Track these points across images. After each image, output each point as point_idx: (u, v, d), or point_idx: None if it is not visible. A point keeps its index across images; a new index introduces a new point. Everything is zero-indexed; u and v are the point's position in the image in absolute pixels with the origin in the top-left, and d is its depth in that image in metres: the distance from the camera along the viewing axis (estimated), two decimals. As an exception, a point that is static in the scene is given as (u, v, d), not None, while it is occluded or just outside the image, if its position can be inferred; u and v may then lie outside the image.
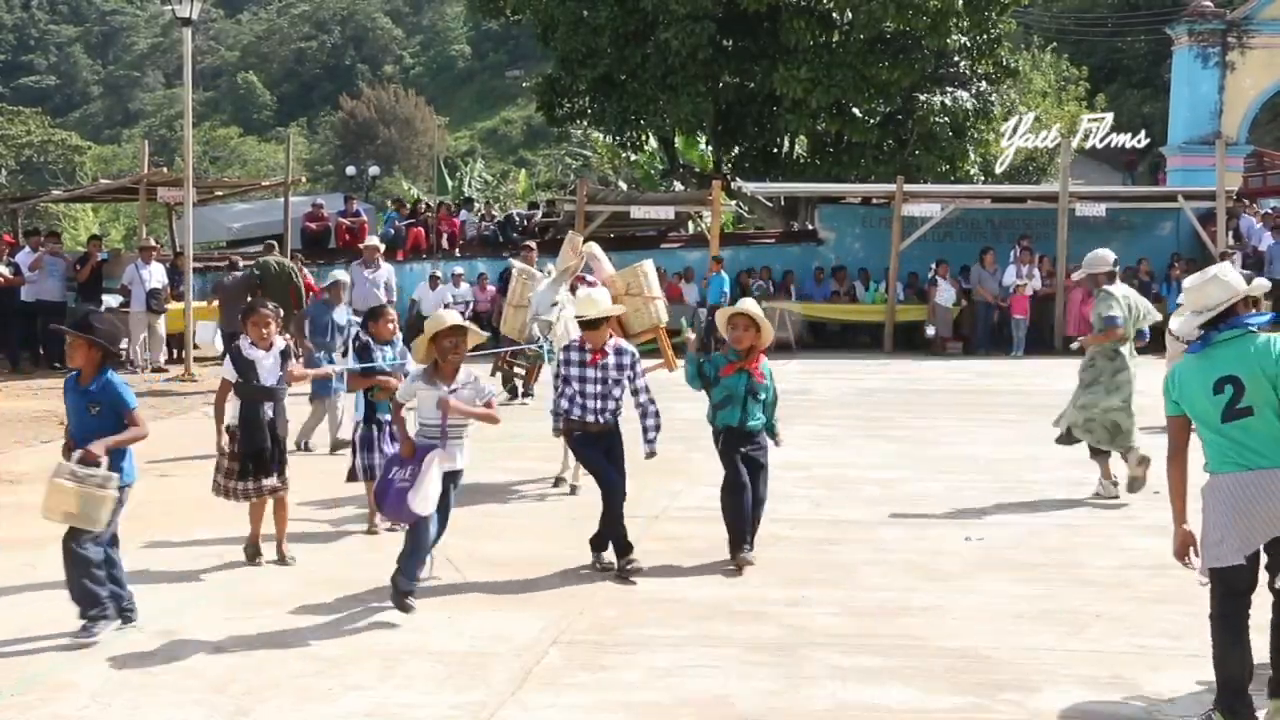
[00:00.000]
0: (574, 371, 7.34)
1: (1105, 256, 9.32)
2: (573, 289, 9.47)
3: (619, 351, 7.44)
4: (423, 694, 5.24)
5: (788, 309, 22.17)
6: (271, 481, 7.24)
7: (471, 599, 6.62)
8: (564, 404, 7.38)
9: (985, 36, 27.47)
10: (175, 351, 19.09)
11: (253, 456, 7.15)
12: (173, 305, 18.86)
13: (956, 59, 27.61)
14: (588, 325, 7.44)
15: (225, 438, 7.20)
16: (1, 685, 5.33)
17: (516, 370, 13.75)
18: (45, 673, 5.46)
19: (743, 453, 7.37)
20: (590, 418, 7.30)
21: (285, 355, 7.38)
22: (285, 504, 7.43)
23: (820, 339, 23.02)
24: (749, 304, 7.48)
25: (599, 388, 7.33)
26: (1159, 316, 9.69)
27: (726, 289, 20.55)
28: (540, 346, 9.48)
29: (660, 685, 5.34)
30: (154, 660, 5.63)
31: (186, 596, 6.62)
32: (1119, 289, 9.22)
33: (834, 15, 26.43)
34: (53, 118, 77.06)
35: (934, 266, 21.99)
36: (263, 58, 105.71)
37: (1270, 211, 23.57)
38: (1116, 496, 9.18)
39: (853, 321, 23.29)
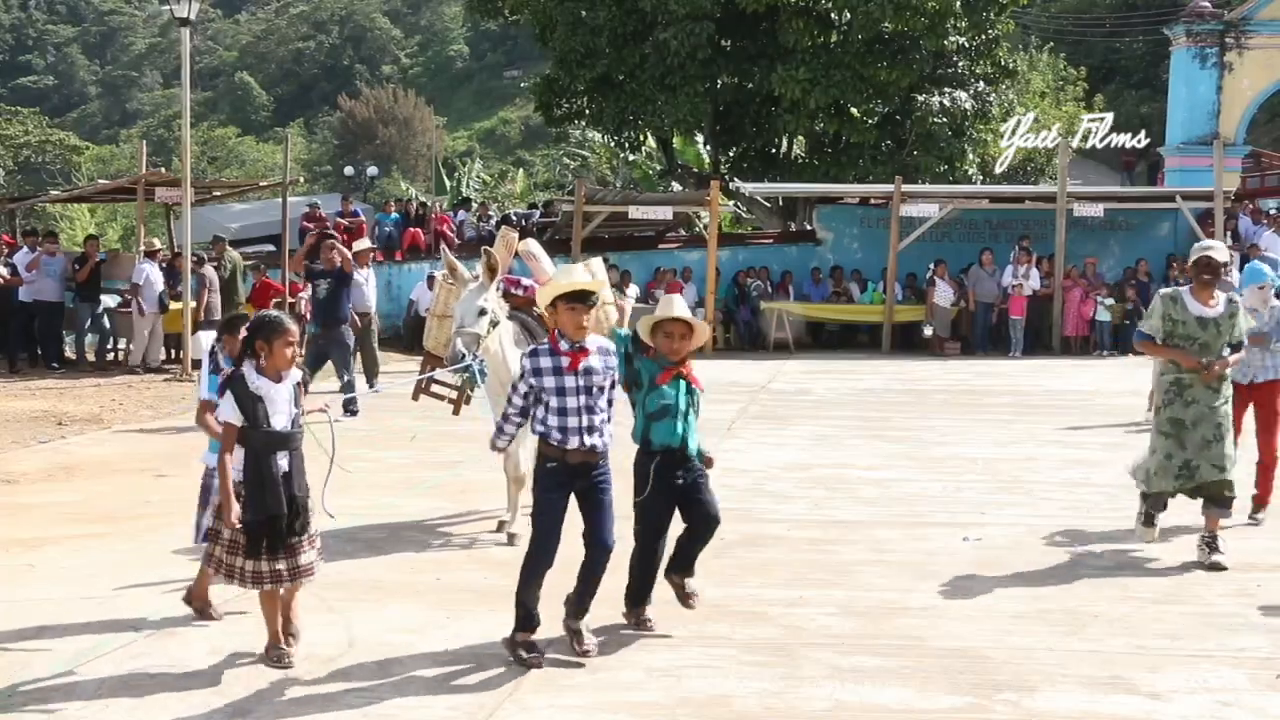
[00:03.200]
0: (548, 382, 5.59)
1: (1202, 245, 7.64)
2: (506, 294, 7.86)
3: (604, 351, 5.73)
4: (421, 694, 5.24)
5: (785, 309, 22.22)
6: (291, 563, 5.47)
7: (470, 599, 6.62)
8: (539, 425, 5.67)
9: (983, 37, 27.51)
10: (173, 351, 19.12)
11: (265, 527, 5.40)
12: (172, 305, 18.96)
13: (955, 59, 27.63)
14: (572, 300, 5.60)
15: (233, 503, 5.40)
16: (1, 686, 5.33)
17: (441, 393, 9.75)
18: (45, 673, 5.46)
19: (679, 485, 5.91)
20: (573, 441, 5.57)
21: (300, 387, 5.65)
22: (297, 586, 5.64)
23: (818, 339, 23.05)
24: (679, 305, 6.02)
25: (581, 400, 5.58)
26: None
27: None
28: (468, 366, 7.38)
29: (658, 685, 5.34)
30: (154, 660, 5.63)
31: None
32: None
33: (832, 16, 26.45)
34: (50, 118, 76.95)
35: (932, 266, 22.02)
36: (261, 58, 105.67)
37: (1275, 212, 23.58)
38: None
39: (851, 322, 23.32)
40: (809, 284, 23.27)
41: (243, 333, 5.68)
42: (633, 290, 22.11)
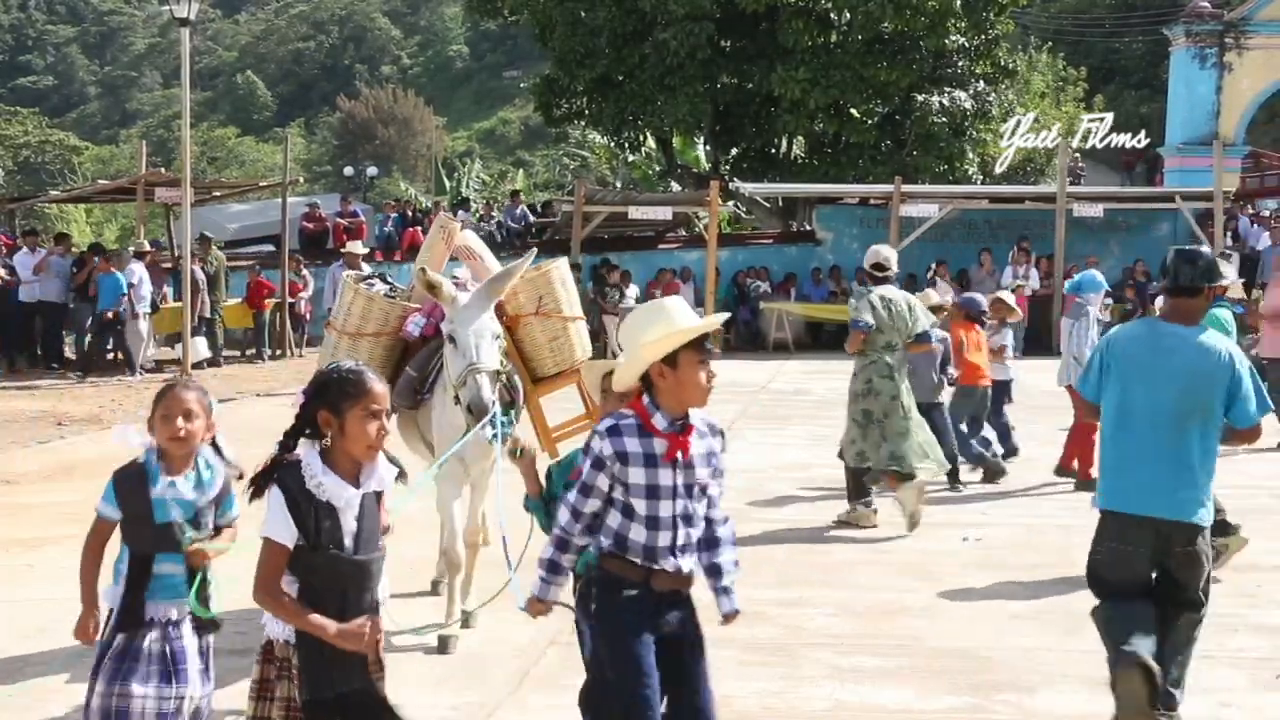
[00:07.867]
0: (635, 476, 3.56)
1: (875, 251, 8.50)
2: (499, 311, 5.85)
3: (709, 432, 3.70)
4: (421, 695, 5.24)
5: (785, 309, 22.21)
6: None
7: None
8: (602, 538, 3.66)
9: (983, 37, 27.51)
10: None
11: (327, 714, 3.49)
12: (168, 305, 19.11)
13: (955, 59, 27.64)
14: (700, 348, 3.60)
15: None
16: (1, 686, 5.32)
17: None
18: (46, 673, 5.45)
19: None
20: (666, 562, 3.62)
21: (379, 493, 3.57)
22: None
23: (818, 339, 23.04)
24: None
25: (679, 505, 3.62)
26: (930, 321, 8.55)
27: None
28: (499, 420, 5.07)
29: (658, 685, 5.34)
30: (152, 661, 5.62)
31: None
32: (882, 290, 8.26)
33: (832, 16, 26.44)
34: (50, 118, 77.04)
35: (933, 267, 22.03)
36: (260, 58, 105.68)
37: (1268, 214, 23.59)
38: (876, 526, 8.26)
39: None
40: (809, 284, 23.28)
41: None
42: (633, 290, 22.10)
